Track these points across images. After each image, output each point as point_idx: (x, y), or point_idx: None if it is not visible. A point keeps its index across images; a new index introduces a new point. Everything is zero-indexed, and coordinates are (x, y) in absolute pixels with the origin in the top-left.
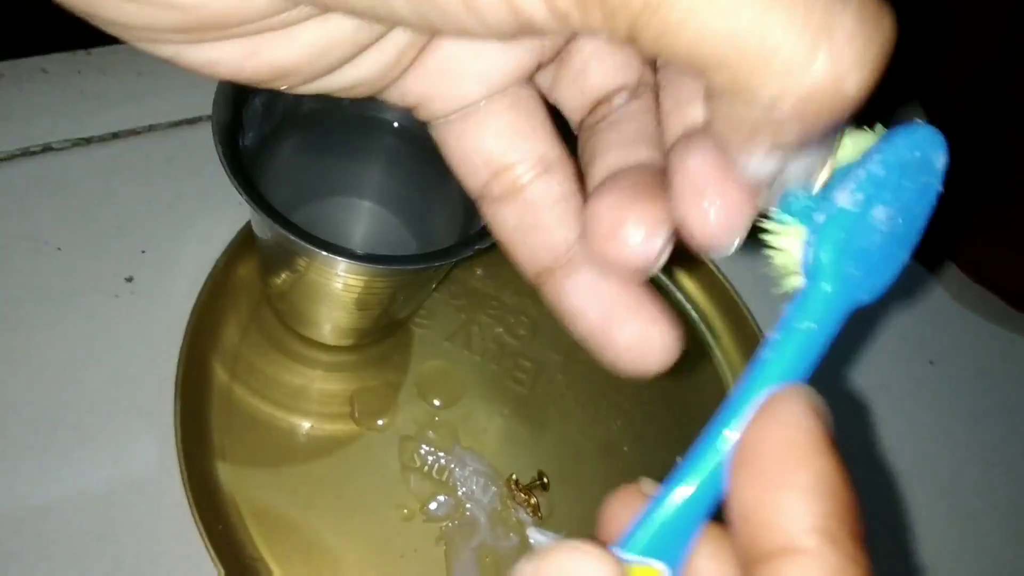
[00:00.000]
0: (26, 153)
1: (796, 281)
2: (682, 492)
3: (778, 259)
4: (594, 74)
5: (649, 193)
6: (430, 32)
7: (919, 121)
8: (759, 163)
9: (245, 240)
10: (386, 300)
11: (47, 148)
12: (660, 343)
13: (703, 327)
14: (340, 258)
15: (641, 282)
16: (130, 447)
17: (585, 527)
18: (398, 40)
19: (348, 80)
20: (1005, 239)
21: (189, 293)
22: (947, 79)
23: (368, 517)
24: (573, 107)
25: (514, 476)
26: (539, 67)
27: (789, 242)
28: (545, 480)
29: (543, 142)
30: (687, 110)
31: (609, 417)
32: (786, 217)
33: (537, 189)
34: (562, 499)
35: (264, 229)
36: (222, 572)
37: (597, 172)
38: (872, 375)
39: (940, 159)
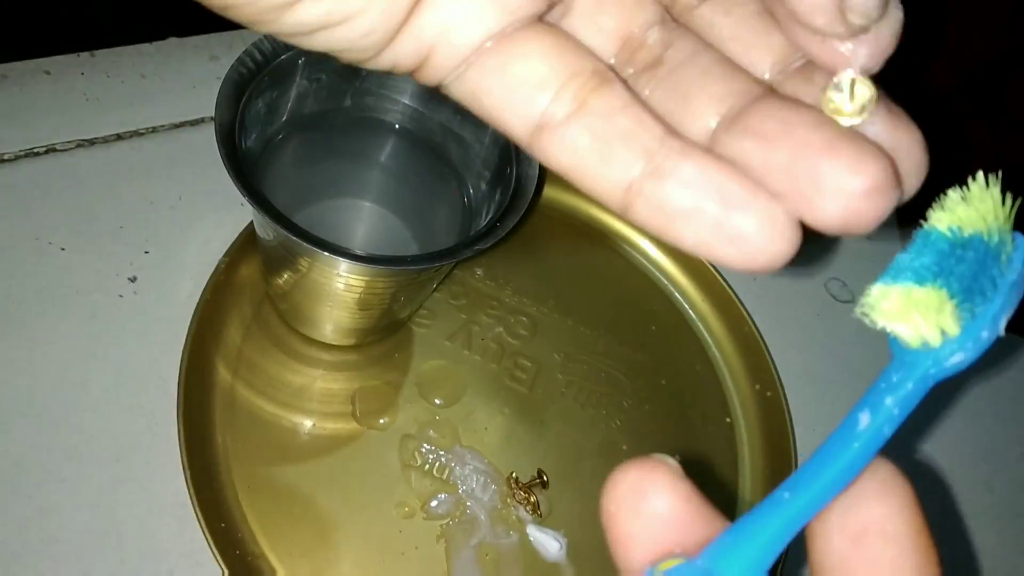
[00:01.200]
0: (30, 154)
1: (926, 337)
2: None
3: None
4: (609, 6)
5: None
6: None
7: None
8: None
9: (247, 241)
10: (387, 300)
11: (51, 149)
12: (788, 221)
13: (701, 327)
14: (342, 258)
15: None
16: (133, 446)
17: (585, 525)
18: None
19: (358, 30)
20: None
21: (192, 293)
22: (943, 80)
23: (369, 515)
24: (595, 47)
25: (514, 474)
26: (550, 6)
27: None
28: (545, 478)
29: (589, 58)
30: (767, 39)
31: (608, 416)
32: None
33: (602, 99)
34: (561, 497)
35: (266, 230)
36: (225, 570)
37: (699, 107)
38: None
39: None
